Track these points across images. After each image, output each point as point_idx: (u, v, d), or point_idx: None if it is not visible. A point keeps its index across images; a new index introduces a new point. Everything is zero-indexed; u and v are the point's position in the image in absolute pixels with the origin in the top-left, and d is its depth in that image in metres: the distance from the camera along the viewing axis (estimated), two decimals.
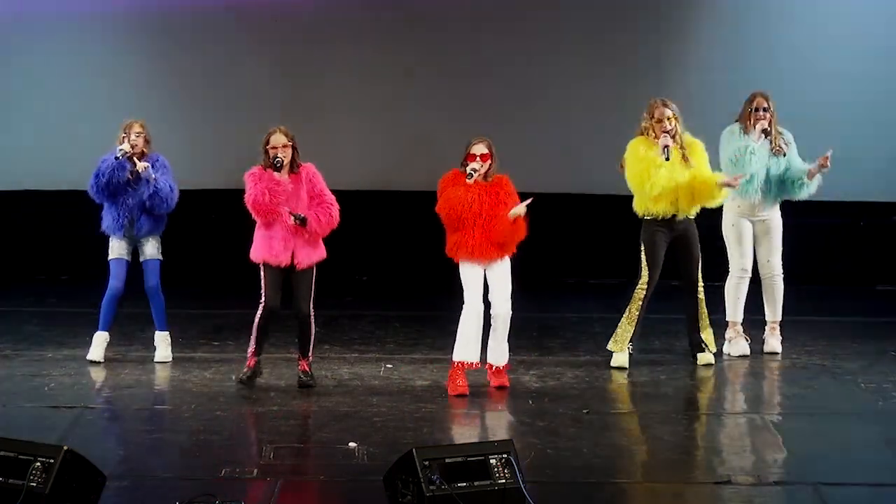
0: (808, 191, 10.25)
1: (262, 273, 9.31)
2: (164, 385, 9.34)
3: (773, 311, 10.43)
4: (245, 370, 9.42)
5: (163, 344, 10.12)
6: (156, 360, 10.06)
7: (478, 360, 9.26)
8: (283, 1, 12.69)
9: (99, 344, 10.01)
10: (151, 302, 10.06)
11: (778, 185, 10.25)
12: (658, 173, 9.67)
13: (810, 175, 10.17)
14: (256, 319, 9.35)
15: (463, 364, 9.25)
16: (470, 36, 12.70)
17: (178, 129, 11.99)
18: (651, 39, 12.56)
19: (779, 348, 10.40)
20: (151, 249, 10.05)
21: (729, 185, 9.71)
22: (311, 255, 9.33)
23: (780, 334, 10.44)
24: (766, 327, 10.43)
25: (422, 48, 12.72)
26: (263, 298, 9.32)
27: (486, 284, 9.31)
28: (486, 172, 9.24)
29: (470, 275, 9.26)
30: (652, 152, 9.70)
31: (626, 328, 9.94)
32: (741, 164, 10.05)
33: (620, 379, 9.68)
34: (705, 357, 9.99)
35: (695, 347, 10.02)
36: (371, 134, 12.69)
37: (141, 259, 10.03)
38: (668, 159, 9.64)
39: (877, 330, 11.19)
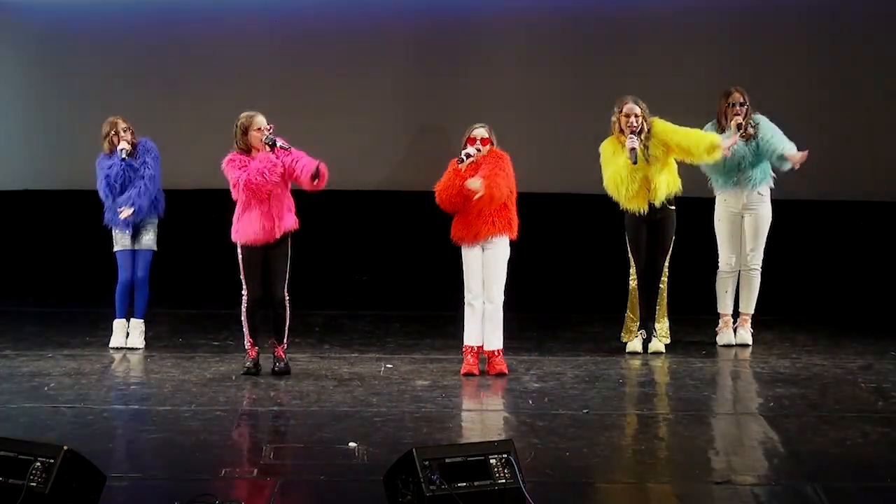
0: (788, 164, 10.29)
1: (241, 260, 9.49)
2: (164, 385, 9.34)
3: (748, 303, 10.59)
4: (248, 361, 9.58)
5: (136, 331, 10.33)
6: (127, 345, 10.25)
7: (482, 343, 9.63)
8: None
9: (119, 331, 10.32)
10: (136, 290, 10.28)
11: (759, 169, 10.31)
12: (631, 177, 9.84)
13: (791, 159, 10.22)
14: (243, 312, 9.58)
15: (471, 348, 9.61)
16: (472, 35, 12.69)
17: (178, 128, 11.99)
18: (647, 39, 12.57)
19: (749, 340, 10.56)
20: (147, 239, 10.26)
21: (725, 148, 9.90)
22: (290, 220, 9.47)
23: (751, 327, 10.60)
24: (738, 318, 10.57)
25: (422, 48, 12.71)
26: (246, 291, 9.53)
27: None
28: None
29: (470, 261, 9.55)
30: (621, 156, 9.86)
31: (629, 318, 10.24)
32: (730, 163, 10.16)
33: (620, 379, 9.69)
34: (655, 345, 10.19)
35: (647, 335, 10.18)
36: (371, 134, 12.68)
37: (136, 247, 10.19)
38: (635, 162, 9.77)
39: (877, 330, 11.19)
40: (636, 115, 9.87)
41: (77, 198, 10.82)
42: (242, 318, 9.59)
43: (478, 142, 9.47)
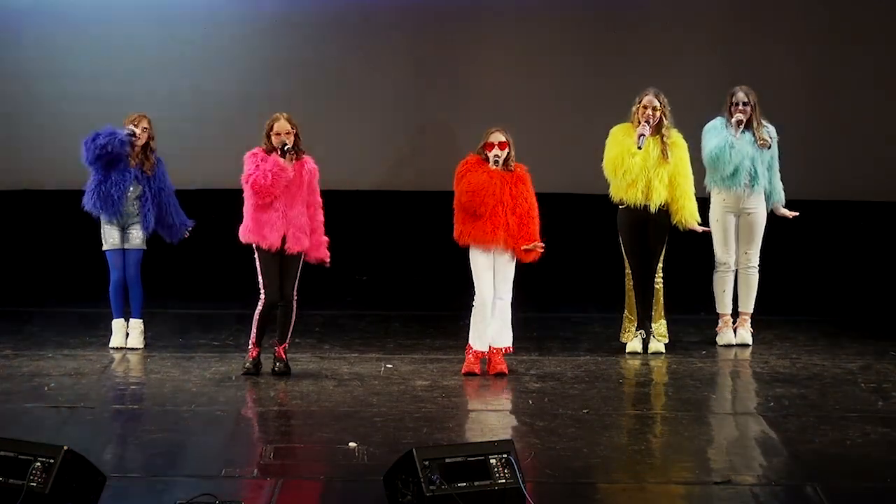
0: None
1: (258, 263, 9.48)
2: (165, 385, 9.34)
3: (746, 302, 10.61)
4: (248, 361, 9.57)
5: (135, 331, 10.33)
6: (127, 346, 10.25)
7: (487, 349, 9.62)
8: None
9: (118, 331, 10.31)
10: (130, 290, 10.26)
11: (764, 177, 10.36)
12: (631, 161, 9.86)
13: (776, 210, 10.55)
14: (257, 313, 9.54)
15: (472, 348, 9.60)
16: (470, 35, 12.69)
17: (177, 128, 11.98)
18: (649, 38, 12.58)
19: (749, 339, 10.59)
20: (136, 239, 10.24)
21: (693, 230, 10.10)
22: (302, 240, 9.47)
23: (752, 326, 10.62)
24: (737, 318, 10.58)
25: (422, 47, 12.72)
26: (263, 293, 9.48)
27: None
28: (505, 160, 9.50)
29: (481, 264, 9.54)
30: (629, 140, 9.88)
31: (627, 318, 10.25)
32: (722, 160, 10.20)
33: (620, 379, 9.70)
34: (654, 345, 10.20)
35: (646, 335, 10.19)
36: (371, 134, 12.68)
37: (126, 246, 10.19)
38: (640, 148, 9.81)
39: (877, 330, 11.20)
40: (654, 108, 9.91)
41: (76, 198, 10.80)
42: (254, 320, 9.54)
43: (496, 146, 9.48)
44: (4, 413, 8.57)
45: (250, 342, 9.58)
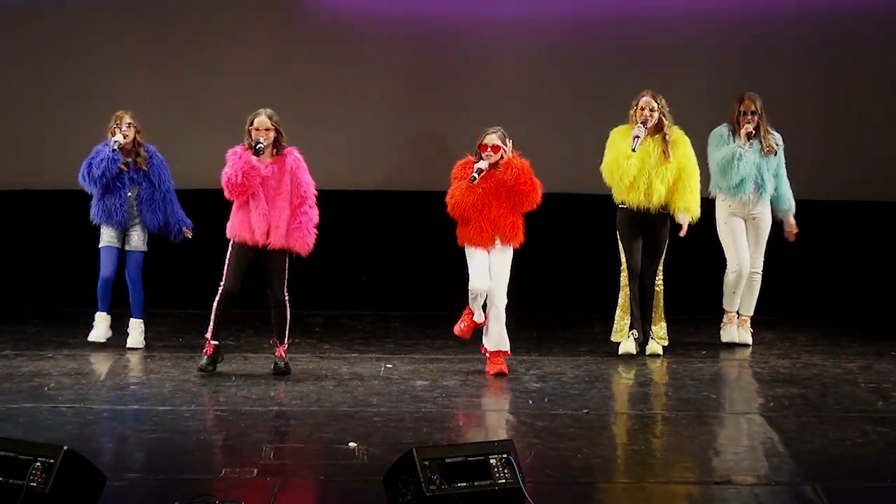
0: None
1: (228, 253, 9.48)
2: (164, 385, 9.33)
3: (748, 306, 10.66)
4: (205, 359, 9.56)
5: (136, 331, 10.34)
6: (127, 345, 10.26)
7: (483, 319, 9.61)
8: None
9: (100, 324, 10.30)
10: (131, 290, 10.28)
11: (771, 184, 10.36)
12: (628, 163, 9.85)
13: (785, 219, 10.61)
14: (215, 303, 9.53)
15: (472, 314, 9.62)
16: (470, 35, 12.69)
17: (177, 128, 11.98)
18: (649, 38, 12.58)
19: (749, 340, 10.62)
20: (137, 240, 10.24)
21: (680, 224, 10.01)
22: (285, 237, 9.44)
23: (751, 327, 10.67)
24: (738, 319, 10.62)
25: (422, 47, 12.72)
26: (223, 281, 9.50)
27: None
28: (496, 162, 9.46)
29: (474, 256, 9.54)
30: (626, 142, 9.88)
31: (620, 317, 10.22)
32: (730, 171, 10.21)
33: (620, 379, 9.70)
34: (652, 347, 10.18)
35: (644, 336, 10.17)
36: (371, 134, 12.68)
37: (126, 248, 10.18)
38: (634, 150, 9.80)
39: (877, 330, 11.20)
40: (651, 110, 9.91)
41: (77, 198, 10.80)
42: (213, 311, 9.54)
43: (489, 149, 9.45)
44: (4, 413, 8.57)
45: (208, 333, 9.52)
